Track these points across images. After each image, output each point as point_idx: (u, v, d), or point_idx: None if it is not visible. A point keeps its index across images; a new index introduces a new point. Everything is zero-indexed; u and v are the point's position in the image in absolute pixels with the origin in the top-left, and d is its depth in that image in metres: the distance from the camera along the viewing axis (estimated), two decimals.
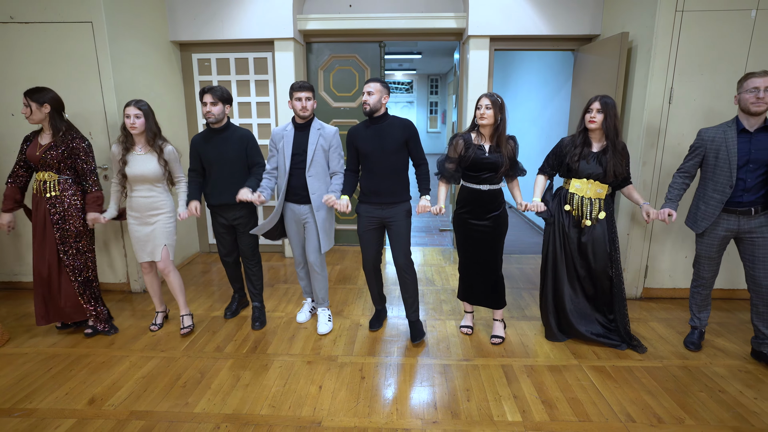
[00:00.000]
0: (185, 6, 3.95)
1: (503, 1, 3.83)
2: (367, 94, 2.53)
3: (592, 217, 2.52)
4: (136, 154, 2.67)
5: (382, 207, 2.64)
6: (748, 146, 2.32)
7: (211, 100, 2.67)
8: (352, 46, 4.32)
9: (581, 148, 2.49)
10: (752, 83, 2.25)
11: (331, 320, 3.00)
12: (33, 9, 3.10)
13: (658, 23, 2.95)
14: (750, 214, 2.38)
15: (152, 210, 2.74)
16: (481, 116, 2.46)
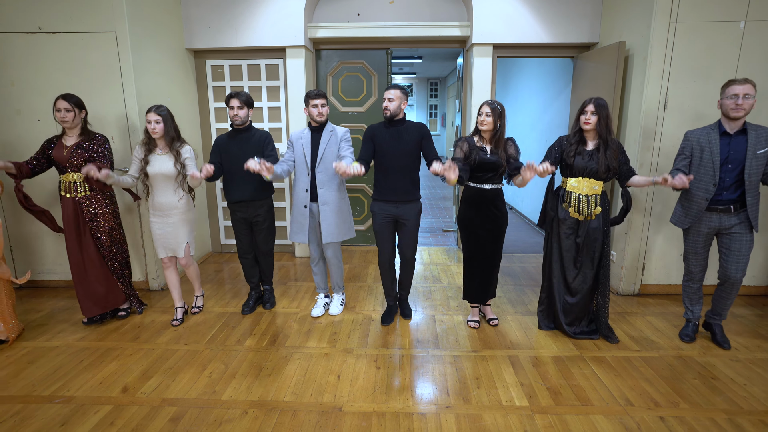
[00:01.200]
0: (200, 15, 4.10)
1: (506, 10, 4.00)
2: (388, 101, 2.75)
3: (590, 212, 2.68)
4: (156, 155, 2.88)
5: (397, 204, 2.86)
6: (728, 148, 2.51)
7: (238, 104, 2.94)
8: (360, 53, 4.49)
9: (576, 145, 2.66)
10: (732, 90, 2.44)
11: (343, 304, 3.28)
12: (60, 20, 3.25)
13: (654, 33, 3.13)
14: (730, 211, 2.56)
15: (173, 209, 2.93)
16: (481, 123, 2.66)
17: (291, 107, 4.26)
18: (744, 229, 2.57)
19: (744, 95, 2.41)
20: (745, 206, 2.54)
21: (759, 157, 2.47)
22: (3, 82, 3.33)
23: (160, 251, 3.01)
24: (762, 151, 2.46)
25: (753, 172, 2.48)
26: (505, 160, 2.67)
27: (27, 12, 3.24)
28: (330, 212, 2.97)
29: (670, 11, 3.09)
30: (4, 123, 3.38)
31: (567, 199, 2.73)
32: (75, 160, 2.82)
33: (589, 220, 2.70)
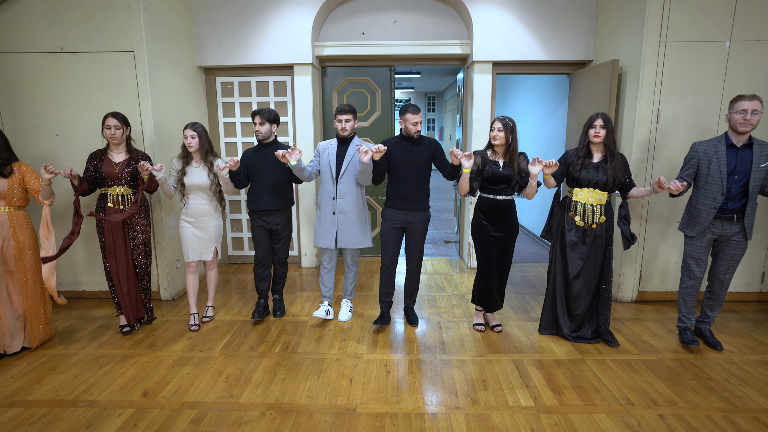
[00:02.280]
0: (212, 34, 4.28)
1: (505, 29, 4.19)
2: (419, 124, 2.99)
3: (595, 221, 2.81)
4: (192, 167, 3.11)
5: (406, 212, 3.03)
6: (735, 159, 2.66)
7: (260, 121, 3.15)
8: (365, 70, 4.67)
9: (583, 159, 2.81)
10: (741, 106, 2.60)
11: (351, 312, 3.44)
12: (81, 40, 3.40)
13: (645, 52, 3.31)
14: (732, 220, 2.71)
15: (205, 216, 3.18)
16: (494, 138, 2.81)
17: (298, 122, 4.41)
18: (740, 237, 2.72)
19: (752, 111, 2.57)
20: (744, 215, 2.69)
21: (761, 170, 2.63)
22: (25, 99, 3.47)
23: (189, 255, 3.19)
24: (764, 164, 2.63)
25: (756, 183, 2.64)
26: (517, 173, 2.82)
27: (50, 33, 3.39)
28: (347, 221, 3.15)
29: (659, 31, 3.28)
30: (25, 138, 3.51)
31: (573, 208, 2.87)
32: (124, 175, 3.02)
33: (594, 228, 2.83)
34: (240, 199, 4.73)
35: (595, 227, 2.83)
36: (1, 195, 2.77)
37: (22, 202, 2.87)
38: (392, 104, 4.75)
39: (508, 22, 4.18)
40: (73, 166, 3.41)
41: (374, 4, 4.44)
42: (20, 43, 3.41)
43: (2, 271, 2.80)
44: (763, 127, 3.32)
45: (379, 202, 4.90)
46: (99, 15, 3.37)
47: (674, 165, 3.41)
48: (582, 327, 3.00)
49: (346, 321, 3.35)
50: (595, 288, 2.93)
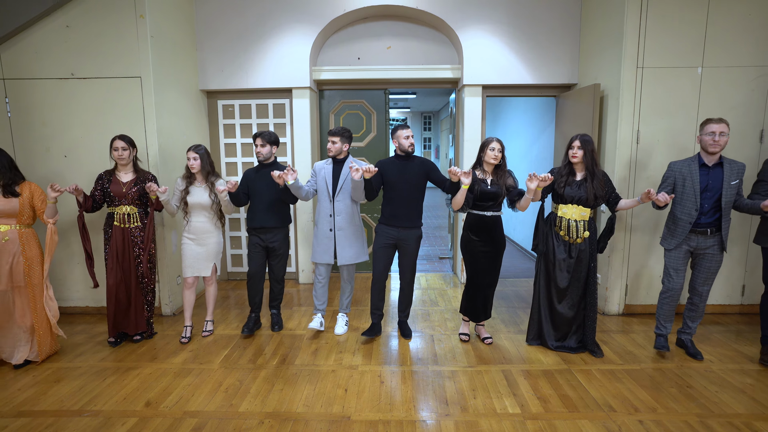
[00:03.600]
0: (214, 59, 4.49)
1: (493, 55, 4.42)
2: (406, 138, 3.14)
3: (579, 235, 2.97)
4: (195, 187, 3.28)
5: (399, 229, 3.17)
6: (707, 178, 2.85)
7: (261, 143, 3.34)
8: (360, 93, 4.88)
9: (566, 177, 2.98)
10: (710, 128, 2.81)
11: (347, 325, 3.55)
12: (91, 66, 3.59)
13: (623, 77, 3.52)
14: (707, 234, 2.87)
15: (206, 233, 3.33)
16: (494, 157, 2.98)
17: (296, 143, 4.59)
18: (716, 251, 2.89)
19: (720, 133, 2.77)
20: (720, 230, 2.85)
21: (732, 187, 2.82)
22: (35, 122, 3.64)
23: (187, 271, 3.32)
24: (734, 182, 2.81)
25: (728, 200, 2.82)
26: (504, 189, 3.00)
27: (62, 60, 3.58)
28: (344, 237, 3.32)
29: (636, 57, 3.49)
30: (35, 159, 3.66)
31: (558, 223, 3.03)
32: (131, 195, 3.18)
33: (579, 243, 2.98)
34: (239, 217, 4.88)
35: (580, 242, 2.98)
36: (12, 213, 2.91)
37: (31, 220, 3.01)
38: (387, 125, 4.95)
39: (497, 47, 4.41)
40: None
41: (369, 30, 4.68)
42: (33, 70, 3.59)
43: (11, 287, 2.92)
44: (739, 146, 3.51)
45: (374, 219, 5.05)
46: (109, 44, 3.57)
47: (655, 182, 3.59)
48: (567, 337, 3.13)
49: (342, 334, 3.46)
50: (579, 300, 3.06)
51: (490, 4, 4.35)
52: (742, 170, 2.84)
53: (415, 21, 4.64)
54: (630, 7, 3.45)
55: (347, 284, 3.53)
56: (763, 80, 3.49)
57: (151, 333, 3.44)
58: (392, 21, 4.66)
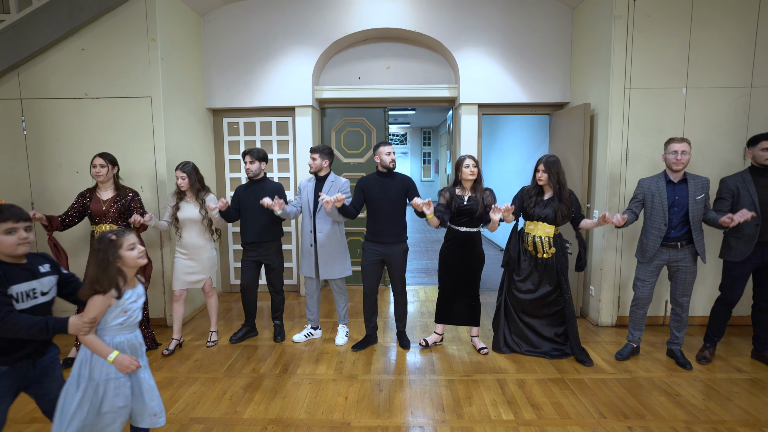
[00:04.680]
0: (220, 79, 4.68)
1: (488, 74, 4.60)
2: (387, 154, 3.26)
3: (546, 251, 3.12)
4: (186, 203, 3.38)
5: (384, 245, 3.28)
6: (674, 193, 3.01)
7: (250, 160, 3.46)
8: (361, 111, 5.06)
9: (535, 197, 3.15)
10: (672, 147, 2.98)
11: (347, 336, 3.65)
12: (104, 87, 3.77)
13: (612, 97, 3.68)
14: (677, 247, 3.02)
15: (198, 248, 3.41)
16: (471, 173, 3.12)
17: (299, 159, 4.75)
18: (689, 263, 3.02)
19: (681, 152, 2.94)
20: (691, 242, 2.99)
21: (698, 202, 2.96)
22: (50, 138, 3.80)
23: (175, 283, 3.41)
24: (700, 197, 2.96)
25: (695, 214, 2.96)
26: (482, 206, 3.12)
27: (77, 81, 3.76)
28: (325, 253, 3.42)
29: (624, 78, 3.66)
30: (48, 174, 3.81)
31: (526, 239, 3.20)
32: (111, 213, 3.22)
33: (545, 258, 3.14)
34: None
35: (547, 257, 3.13)
36: None
37: None
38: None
39: (492, 68, 4.59)
40: None
41: (369, 51, 4.88)
42: (49, 90, 3.77)
43: None
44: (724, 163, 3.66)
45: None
46: (121, 65, 3.75)
47: None
48: (540, 345, 3.28)
49: (342, 345, 3.56)
50: (553, 311, 3.21)
51: (485, 27, 4.55)
52: (707, 184, 2.99)
53: (413, 42, 4.84)
54: (617, 31, 3.63)
55: (339, 296, 3.61)
56: (745, 100, 3.65)
57: (153, 345, 3.52)
58: (391, 42, 4.86)
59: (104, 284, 1.77)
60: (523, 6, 4.50)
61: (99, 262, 1.78)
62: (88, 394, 1.76)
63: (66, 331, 1.72)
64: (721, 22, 3.60)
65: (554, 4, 4.48)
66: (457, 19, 4.54)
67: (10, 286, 1.71)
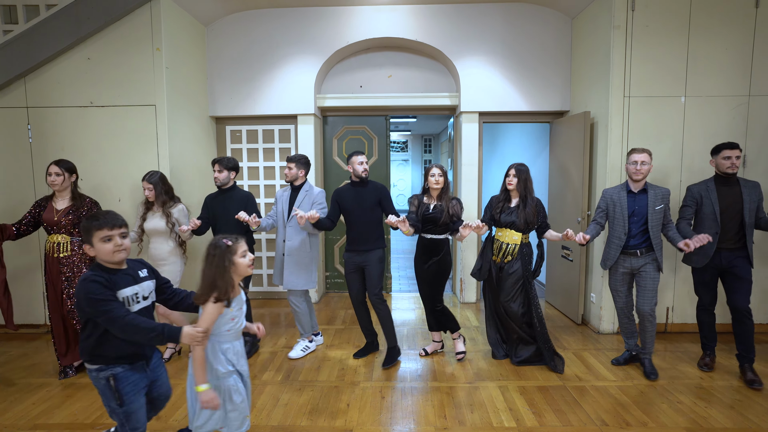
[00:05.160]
0: (224, 87, 4.73)
1: (489, 83, 4.65)
2: (359, 164, 3.25)
3: (509, 254, 3.17)
4: (152, 213, 3.31)
5: (359, 253, 3.30)
6: (634, 203, 3.06)
7: (219, 169, 3.37)
8: (362, 119, 5.10)
9: (503, 203, 3.21)
10: (633, 158, 3.04)
11: (305, 351, 3.52)
12: (108, 95, 3.82)
13: (611, 106, 3.72)
14: (637, 255, 3.06)
15: (161, 260, 3.30)
16: (436, 182, 3.19)
17: None
18: (650, 269, 3.05)
19: (641, 162, 2.99)
20: (651, 250, 3.04)
21: (657, 212, 3.01)
22: (55, 147, 3.84)
23: None
24: (659, 207, 3.01)
25: (654, 224, 3.01)
26: (447, 215, 3.16)
27: (82, 90, 3.81)
28: (291, 263, 3.37)
29: (623, 87, 3.70)
30: None
31: (492, 245, 3.26)
32: (64, 223, 3.08)
33: (507, 261, 3.18)
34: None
35: (508, 260, 3.17)
36: None
37: None
38: (388, 149, 5.15)
39: (492, 76, 4.64)
40: None
41: (371, 60, 4.93)
42: (55, 99, 3.82)
43: None
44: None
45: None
46: (127, 74, 3.80)
47: None
48: (516, 350, 3.31)
49: (296, 358, 3.45)
50: (524, 316, 3.23)
51: (486, 36, 4.60)
52: (667, 195, 3.04)
53: (414, 51, 4.90)
54: (616, 40, 3.68)
55: (297, 308, 3.48)
56: (743, 108, 3.68)
57: None
58: (393, 51, 4.91)
59: (222, 291, 1.82)
60: (523, 15, 4.56)
61: (216, 268, 1.83)
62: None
63: (178, 340, 1.77)
64: (718, 31, 3.65)
65: (554, 14, 4.54)
66: (458, 29, 4.59)
67: (117, 291, 1.79)
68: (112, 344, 1.80)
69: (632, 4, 3.65)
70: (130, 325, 1.73)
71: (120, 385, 1.82)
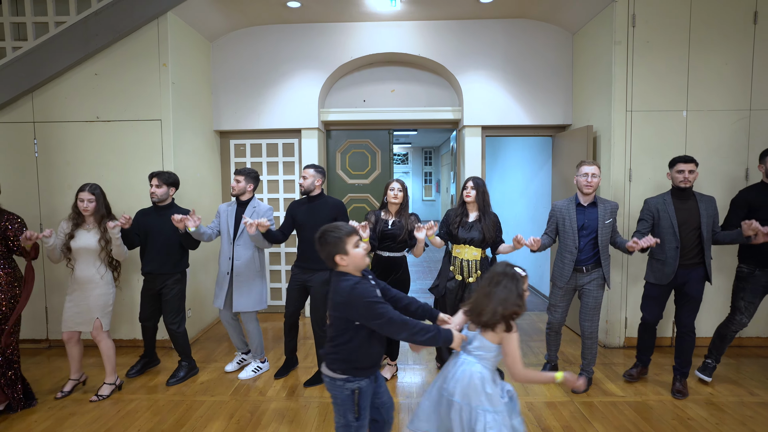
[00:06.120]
0: (228, 102, 4.77)
1: (491, 97, 4.69)
2: (303, 178, 3.20)
3: (472, 275, 3.06)
4: (83, 230, 3.00)
5: (305, 271, 3.20)
6: (583, 217, 3.03)
7: (157, 183, 3.19)
8: (365, 132, 5.13)
9: (460, 217, 3.13)
10: (583, 170, 3.02)
11: (256, 372, 3.40)
12: (115, 110, 3.85)
13: (614, 120, 3.75)
14: (583, 271, 3.03)
15: (90, 283, 2.99)
16: (394, 197, 3.13)
17: None
18: (593, 287, 3.02)
19: (592, 174, 2.98)
20: (598, 266, 3.01)
21: (607, 226, 3.00)
22: (60, 161, 3.85)
23: (63, 325, 2.99)
24: (608, 221, 3.00)
25: (603, 238, 3.00)
26: (406, 231, 3.12)
27: (89, 104, 3.84)
28: (240, 283, 3.27)
29: (625, 101, 3.74)
30: (57, 195, 3.86)
31: (453, 263, 3.15)
32: None
33: (471, 282, 3.05)
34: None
35: (472, 281, 3.06)
36: None
37: None
38: (391, 163, 5.17)
39: (495, 90, 4.68)
40: None
41: (374, 75, 4.98)
42: (61, 113, 3.85)
43: None
44: (726, 184, 3.70)
45: None
46: (133, 89, 3.84)
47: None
48: None
49: (246, 379, 3.34)
50: None
51: (488, 51, 4.66)
52: (615, 209, 3.04)
53: (417, 66, 4.95)
54: (617, 56, 3.72)
55: (249, 330, 3.37)
56: (744, 122, 3.72)
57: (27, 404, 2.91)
58: (396, 66, 4.96)
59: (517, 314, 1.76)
60: (525, 31, 4.62)
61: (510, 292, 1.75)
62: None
63: (451, 342, 1.77)
64: (718, 46, 3.70)
65: (555, 30, 4.60)
66: (460, 44, 4.65)
67: None
68: (368, 353, 1.80)
69: (632, 20, 3.71)
70: (409, 324, 1.73)
71: (361, 398, 1.80)
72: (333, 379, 1.82)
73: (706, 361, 3.22)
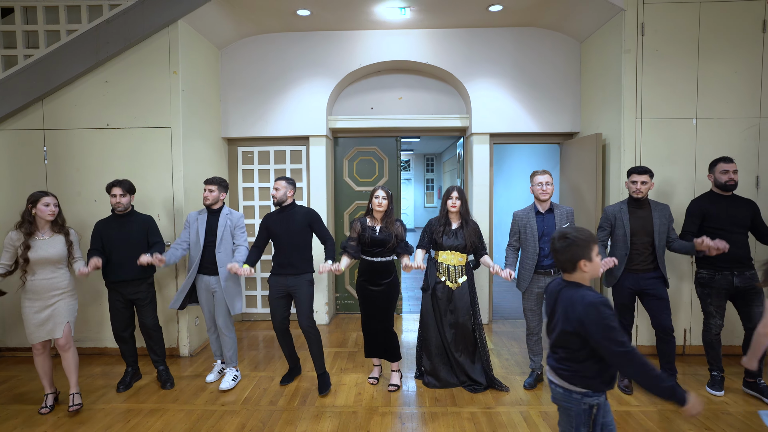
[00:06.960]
0: (236, 109, 4.78)
1: (499, 105, 4.70)
2: (275, 189, 3.23)
3: (457, 280, 3.17)
4: (39, 239, 2.88)
5: (287, 277, 3.22)
6: (543, 224, 3.14)
7: (120, 192, 3.18)
8: (373, 140, 5.14)
9: (444, 226, 3.21)
10: (537, 179, 3.16)
11: (236, 380, 3.39)
12: (124, 117, 3.85)
13: (624, 128, 3.75)
14: (550, 274, 3.13)
15: (54, 290, 2.91)
16: (379, 204, 3.15)
17: (312, 187, 4.80)
18: None
19: (546, 182, 3.12)
20: None
21: None
22: (70, 168, 3.85)
23: (33, 336, 2.89)
24: (565, 225, 3.08)
25: None
26: (394, 237, 3.16)
27: (98, 112, 3.85)
28: (231, 288, 3.34)
29: (635, 110, 3.74)
30: (66, 203, 3.82)
31: (439, 268, 3.22)
32: None
33: (456, 287, 3.18)
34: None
35: (458, 286, 3.18)
36: None
37: None
38: (398, 170, 5.18)
39: (502, 98, 4.69)
40: None
41: (382, 82, 5.00)
42: (72, 121, 3.85)
43: None
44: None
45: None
46: (143, 97, 3.84)
47: None
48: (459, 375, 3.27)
49: (227, 389, 3.29)
50: (471, 339, 3.25)
51: (496, 58, 4.68)
52: (571, 214, 3.19)
53: (425, 74, 4.97)
54: (626, 64, 3.74)
55: (225, 336, 3.37)
56: (754, 130, 3.72)
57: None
58: (403, 74, 4.98)
59: None
60: (533, 39, 4.65)
61: None
62: None
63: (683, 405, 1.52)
64: (727, 55, 3.71)
65: (563, 38, 4.62)
66: (469, 52, 4.67)
67: None
68: (607, 368, 1.65)
69: (642, 29, 3.72)
70: (647, 366, 1.53)
71: (598, 416, 1.68)
72: (569, 391, 1.69)
73: (712, 374, 3.20)
